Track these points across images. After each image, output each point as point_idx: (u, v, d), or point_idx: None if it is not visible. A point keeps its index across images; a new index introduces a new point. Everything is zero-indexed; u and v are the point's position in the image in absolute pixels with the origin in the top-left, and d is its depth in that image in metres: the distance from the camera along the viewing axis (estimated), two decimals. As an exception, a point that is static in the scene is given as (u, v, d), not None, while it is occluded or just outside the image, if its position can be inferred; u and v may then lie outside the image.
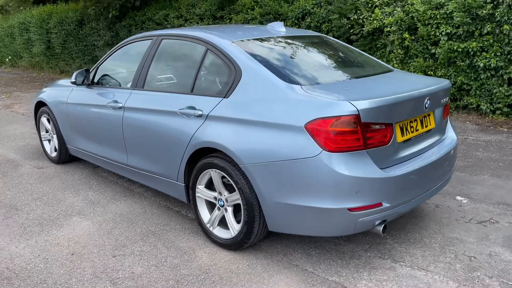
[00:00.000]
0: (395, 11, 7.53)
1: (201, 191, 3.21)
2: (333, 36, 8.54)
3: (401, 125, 2.77)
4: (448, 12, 6.94)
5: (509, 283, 2.63)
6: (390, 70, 3.44)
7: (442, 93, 3.06)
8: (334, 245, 3.14)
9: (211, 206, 3.28)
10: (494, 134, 5.83)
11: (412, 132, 2.87)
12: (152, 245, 3.23)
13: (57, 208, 3.92)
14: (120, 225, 3.55)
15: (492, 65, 6.58)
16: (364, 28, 7.94)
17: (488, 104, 6.76)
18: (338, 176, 2.49)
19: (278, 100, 2.75)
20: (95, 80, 4.31)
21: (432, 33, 7.11)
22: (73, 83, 4.30)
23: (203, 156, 3.17)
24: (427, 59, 7.33)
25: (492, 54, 6.66)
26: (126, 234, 3.41)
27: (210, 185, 3.21)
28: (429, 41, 7.24)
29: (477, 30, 6.73)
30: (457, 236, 3.21)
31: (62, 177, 4.71)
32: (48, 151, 5.21)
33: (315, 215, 2.60)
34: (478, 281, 2.65)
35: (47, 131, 5.21)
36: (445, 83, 3.11)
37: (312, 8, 8.81)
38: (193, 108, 3.16)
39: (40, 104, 5.18)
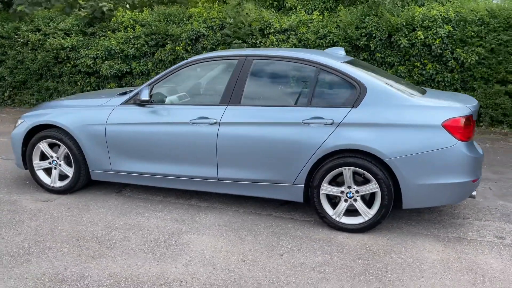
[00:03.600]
0: (290, 39, 8.92)
1: (327, 188, 3.81)
2: (229, 57, 9.39)
3: (471, 123, 4.00)
4: (333, 41, 8.69)
5: None
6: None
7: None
8: (416, 216, 4.16)
9: (330, 200, 3.89)
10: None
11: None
12: (295, 241, 3.66)
13: (149, 231, 3.81)
14: (240, 233, 3.79)
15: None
16: (262, 51, 9.05)
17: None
18: (469, 158, 3.57)
19: (408, 107, 3.65)
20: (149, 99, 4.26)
21: (322, 57, 8.75)
22: (146, 101, 4.14)
23: (328, 158, 3.78)
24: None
25: (365, 74, 8.67)
26: (258, 238, 3.70)
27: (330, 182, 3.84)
28: (320, 63, 8.85)
29: (356, 57, 8.66)
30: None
31: (98, 205, 4.38)
32: (48, 182, 4.64)
33: (450, 188, 3.61)
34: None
35: (43, 159, 4.64)
36: None
37: (206, 31, 9.46)
38: (320, 118, 3.75)
39: (34, 130, 4.60)
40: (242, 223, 3.99)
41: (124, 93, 4.66)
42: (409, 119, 3.60)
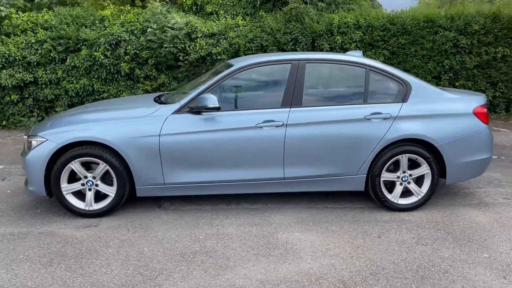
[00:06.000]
0: (220, 43, 9.13)
1: (386, 175, 4.33)
2: (156, 63, 9.22)
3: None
4: (261, 45, 9.20)
5: None
6: None
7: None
8: (436, 191, 4.96)
9: (385, 185, 4.42)
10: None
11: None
12: (373, 225, 4.08)
13: (241, 237, 3.80)
14: (324, 226, 4.06)
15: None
16: (191, 56, 9.07)
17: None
18: (491, 138, 4.46)
19: (444, 99, 4.39)
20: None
21: (252, 60, 9.19)
22: (217, 108, 4.01)
23: (386, 149, 4.29)
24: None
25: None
26: (343, 228, 4.02)
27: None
28: (249, 66, 9.28)
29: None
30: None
31: (154, 222, 4.13)
32: (82, 206, 4.16)
33: (480, 163, 4.46)
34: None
35: (72, 181, 4.17)
36: None
37: (127, 36, 9.05)
38: (379, 113, 4.24)
39: (62, 149, 4.10)
40: (313, 217, 4.24)
41: (159, 101, 4.49)
42: (448, 109, 4.33)
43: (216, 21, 9.52)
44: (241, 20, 9.55)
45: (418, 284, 3.08)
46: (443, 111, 4.30)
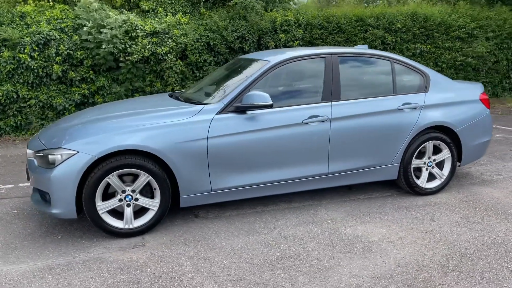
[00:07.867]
0: (167, 43, 8.67)
1: (416, 162, 4.54)
2: (93, 64, 8.48)
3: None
4: (208, 43, 8.98)
5: None
6: None
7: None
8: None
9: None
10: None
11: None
12: (416, 211, 4.24)
13: (311, 238, 3.66)
14: (376, 217, 4.10)
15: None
16: (134, 56, 8.47)
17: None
18: (492, 122, 4.94)
19: (456, 88, 4.75)
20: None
21: (199, 59, 8.94)
22: (271, 105, 3.76)
23: (415, 137, 4.49)
24: (195, 80, 9.09)
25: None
26: (394, 216, 4.11)
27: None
28: (196, 66, 9.03)
29: (230, 59, 9.21)
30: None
31: (208, 234, 3.78)
32: (121, 225, 3.63)
33: (485, 145, 4.89)
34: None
35: (106, 198, 3.64)
36: None
37: (58, 35, 8.16)
38: (409, 103, 4.43)
39: (95, 162, 3.56)
40: (357, 209, 4.27)
41: (188, 101, 4.15)
42: (461, 97, 4.69)
43: (157, 19, 8.99)
44: (182, 17, 9.17)
45: (509, 258, 3.28)
46: (458, 99, 4.64)
